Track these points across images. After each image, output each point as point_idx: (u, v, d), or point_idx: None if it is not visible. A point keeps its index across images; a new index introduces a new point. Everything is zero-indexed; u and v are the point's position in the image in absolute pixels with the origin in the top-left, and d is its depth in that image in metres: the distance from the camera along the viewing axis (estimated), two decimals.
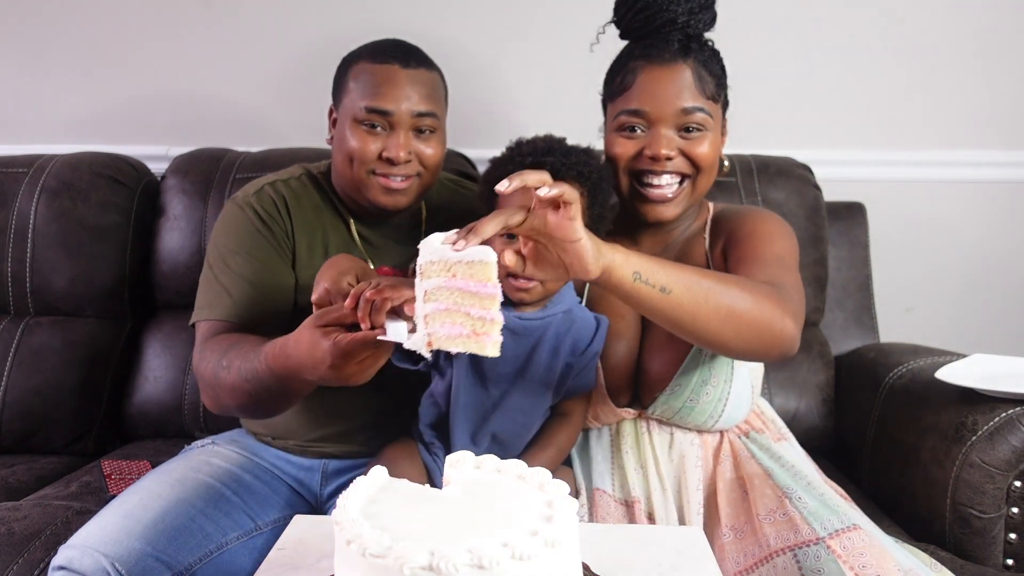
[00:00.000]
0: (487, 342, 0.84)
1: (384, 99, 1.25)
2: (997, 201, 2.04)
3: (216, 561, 1.12)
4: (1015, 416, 1.25)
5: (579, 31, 1.35)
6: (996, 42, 1.98)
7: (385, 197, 1.27)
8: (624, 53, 1.26)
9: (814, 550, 1.03)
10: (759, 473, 1.19)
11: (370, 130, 1.25)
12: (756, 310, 1.01)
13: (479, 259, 0.82)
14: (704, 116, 1.18)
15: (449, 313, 0.85)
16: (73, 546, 1.04)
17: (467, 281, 0.83)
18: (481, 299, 0.83)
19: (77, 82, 2.06)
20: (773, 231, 1.21)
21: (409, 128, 1.26)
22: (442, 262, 0.84)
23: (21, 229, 1.78)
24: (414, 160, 1.27)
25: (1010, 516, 1.26)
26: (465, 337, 0.84)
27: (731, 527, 1.15)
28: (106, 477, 1.49)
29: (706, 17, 1.22)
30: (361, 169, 1.26)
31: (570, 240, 0.87)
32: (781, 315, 1.03)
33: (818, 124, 2.02)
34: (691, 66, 1.18)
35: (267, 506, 1.26)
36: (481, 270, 0.82)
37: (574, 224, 0.87)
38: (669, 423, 1.27)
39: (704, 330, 0.99)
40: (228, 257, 1.26)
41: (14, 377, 1.72)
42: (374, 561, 0.63)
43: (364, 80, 1.27)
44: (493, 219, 0.85)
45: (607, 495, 1.21)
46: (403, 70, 1.27)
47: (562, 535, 0.66)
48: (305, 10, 2.00)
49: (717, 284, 1.00)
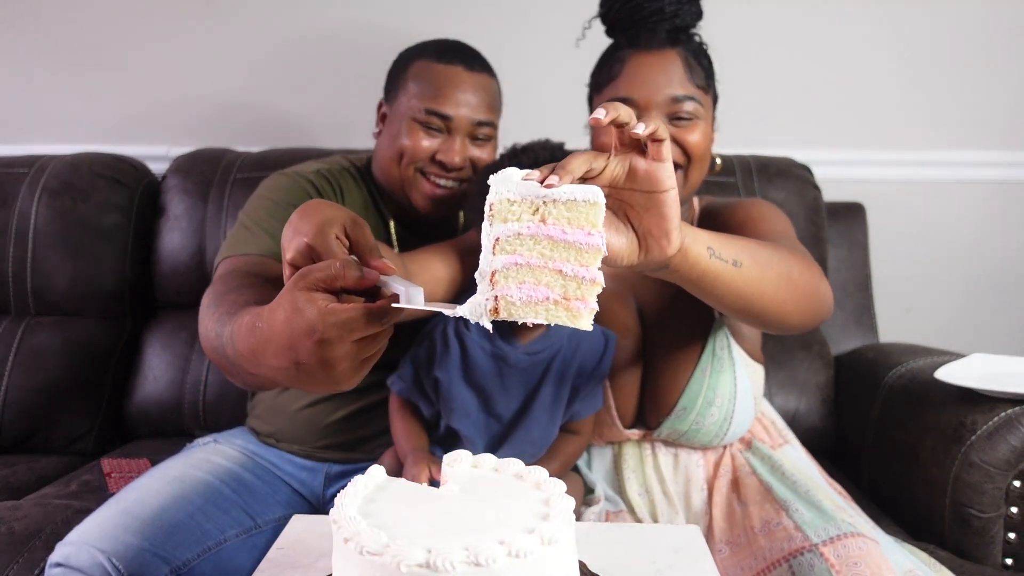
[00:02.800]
0: (582, 310, 0.66)
1: (446, 102, 1.22)
2: (997, 201, 2.04)
3: (214, 558, 1.12)
4: (1014, 416, 1.25)
5: (572, 27, 1.35)
6: (996, 42, 1.98)
7: (426, 202, 1.25)
8: (611, 46, 1.23)
9: (807, 558, 1.01)
10: (759, 488, 1.18)
11: (427, 131, 1.23)
12: (806, 274, 0.97)
13: (585, 198, 0.65)
14: (695, 105, 1.14)
15: (532, 270, 0.66)
16: (70, 542, 1.04)
17: (562, 227, 0.65)
18: (580, 252, 0.66)
19: (78, 83, 2.07)
20: (766, 214, 1.19)
21: (466, 135, 1.24)
22: (526, 201, 0.66)
23: (22, 229, 1.78)
24: (467, 167, 1.25)
25: (1009, 516, 1.26)
26: (552, 303, 0.66)
27: (727, 542, 1.15)
28: (106, 476, 1.49)
29: (692, 10, 1.20)
30: (410, 167, 1.24)
31: (660, 189, 0.72)
32: (820, 279, 1.01)
33: (818, 124, 2.03)
34: (680, 54, 1.16)
35: (267, 505, 1.25)
36: (586, 213, 0.65)
37: (665, 167, 0.72)
38: (675, 444, 1.26)
39: (771, 302, 0.91)
40: (274, 210, 1.17)
41: (15, 377, 1.72)
42: (371, 559, 0.63)
43: (426, 79, 1.24)
44: (580, 158, 0.69)
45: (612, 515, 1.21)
46: (467, 72, 1.24)
47: (559, 533, 0.66)
48: (305, 10, 2.01)
49: (773, 252, 0.93)
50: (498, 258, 0.66)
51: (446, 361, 1.12)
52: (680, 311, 1.22)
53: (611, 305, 1.26)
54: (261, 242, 1.12)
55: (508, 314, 0.67)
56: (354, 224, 0.75)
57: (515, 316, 0.67)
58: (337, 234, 0.73)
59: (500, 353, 1.12)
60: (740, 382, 1.20)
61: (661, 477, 1.24)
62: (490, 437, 1.15)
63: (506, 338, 1.13)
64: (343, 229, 0.74)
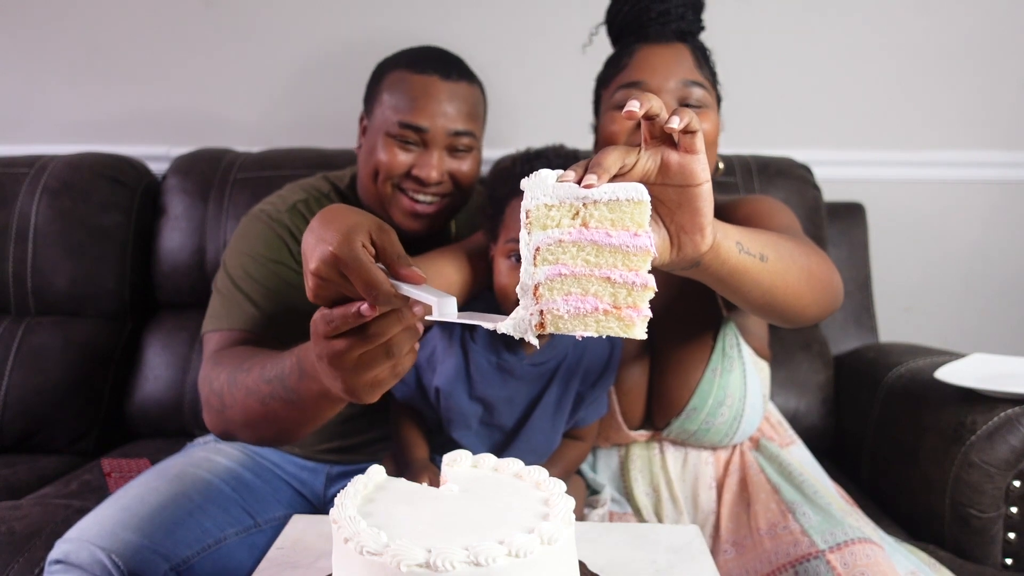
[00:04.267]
0: (635, 319, 0.62)
1: (420, 114, 1.17)
2: (997, 201, 2.04)
3: (214, 555, 1.12)
4: (1014, 416, 1.25)
5: (580, 33, 1.35)
6: (996, 42, 1.98)
7: (408, 220, 1.21)
8: (619, 46, 1.23)
9: (814, 565, 1.02)
10: (766, 488, 1.18)
11: (402, 145, 1.19)
12: (824, 265, 0.98)
13: (628, 196, 0.61)
14: (705, 93, 1.12)
15: (577, 280, 0.62)
16: (69, 540, 1.04)
17: (606, 230, 0.61)
18: (628, 256, 0.61)
19: (78, 83, 2.07)
20: (771, 208, 1.18)
21: (444, 147, 1.19)
22: (565, 205, 0.61)
23: (22, 229, 1.78)
24: (447, 180, 1.21)
25: (1009, 516, 1.26)
26: (601, 314, 0.62)
27: (732, 543, 1.14)
28: (106, 476, 1.49)
29: (697, 17, 1.21)
30: (386, 184, 1.20)
31: (694, 183, 0.68)
32: (833, 268, 1.02)
33: (818, 124, 2.03)
34: (689, 48, 1.16)
35: (268, 504, 1.25)
36: (632, 212, 0.61)
37: (700, 159, 0.68)
38: (684, 444, 1.26)
39: (793, 295, 0.89)
40: (252, 267, 1.17)
41: (15, 377, 1.73)
42: (371, 559, 0.63)
43: (400, 91, 1.19)
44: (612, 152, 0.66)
45: (617, 516, 1.21)
46: (443, 82, 1.19)
47: (558, 533, 0.66)
48: (306, 11, 2.01)
49: (793, 245, 0.92)
50: (540, 269, 0.62)
51: (448, 371, 1.10)
52: (688, 310, 1.22)
53: None
54: (242, 311, 1.13)
55: (556, 328, 0.63)
56: (379, 230, 0.72)
57: (564, 330, 0.63)
58: (363, 241, 0.70)
59: (506, 366, 1.10)
60: (750, 380, 1.20)
61: (668, 477, 1.23)
62: (491, 445, 1.14)
63: (511, 349, 1.11)
64: (368, 236, 0.71)
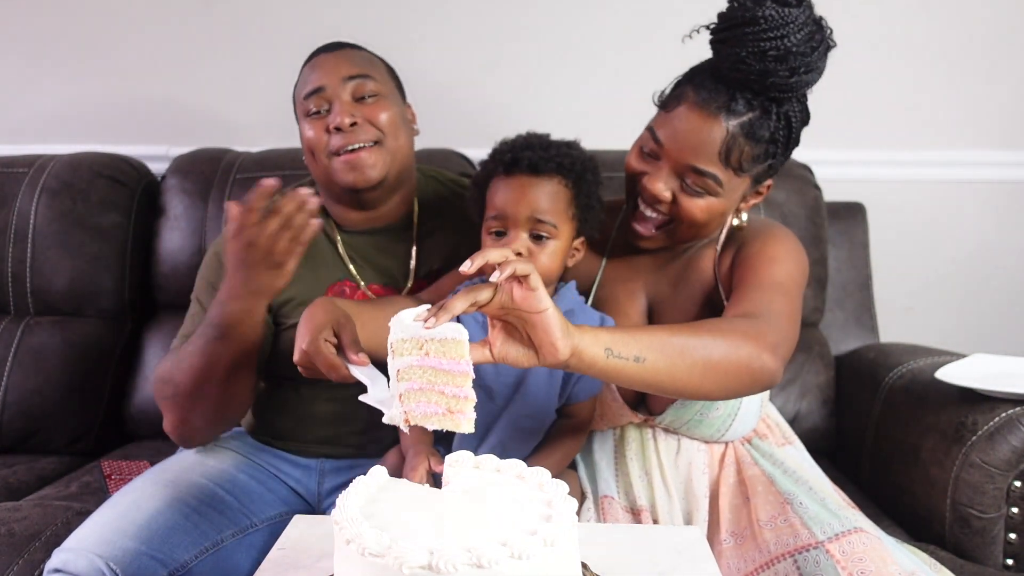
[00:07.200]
0: (462, 419, 0.83)
1: (315, 80, 1.27)
2: (997, 201, 2.04)
3: (212, 558, 1.12)
4: (1015, 416, 1.25)
5: (578, 32, 1.35)
6: (996, 42, 1.98)
7: (351, 174, 1.25)
8: (683, 79, 1.17)
9: (813, 555, 1.02)
10: (762, 479, 1.18)
11: (316, 116, 1.27)
12: (732, 354, 0.99)
13: (451, 337, 0.82)
14: (710, 183, 1.11)
15: (423, 392, 0.84)
16: (68, 549, 1.04)
17: (439, 359, 0.83)
18: (454, 377, 0.83)
19: (78, 82, 2.06)
20: (779, 254, 1.17)
21: (349, 96, 1.26)
22: (414, 340, 0.83)
23: (21, 229, 1.78)
24: (364, 123, 1.25)
25: (1010, 516, 1.26)
26: (440, 415, 0.84)
27: (732, 532, 1.15)
28: (106, 477, 1.49)
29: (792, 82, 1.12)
30: (321, 156, 1.26)
31: (535, 311, 0.85)
32: (758, 353, 1.01)
33: (818, 124, 2.00)
34: (729, 129, 1.10)
35: (263, 504, 1.25)
36: (454, 348, 0.82)
37: (537, 294, 0.85)
38: (676, 433, 1.26)
39: (684, 388, 0.98)
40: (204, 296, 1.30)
41: (14, 377, 1.72)
42: (373, 560, 0.63)
43: (301, 78, 1.32)
44: (462, 297, 0.83)
45: (615, 502, 1.21)
46: (330, 53, 1.30)
47: (561, 534, 0.67)
48: (306, 11, 2.01)
49: (689, 338, 0.98)
50: (401, 384, 0.85)
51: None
52: (691, 298, 1.23)
53: (618, 298, 1.26)
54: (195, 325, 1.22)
55: (416, 423, 0.85)
56: (339, 325, 0.97)
57: (420, 424, 0.85)
58: (326, 337, 0.96)
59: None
60: None
61: (660, 462, 1.24)
62: (487, 412, 1.15)
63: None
64: (332, 331, 0.97)
